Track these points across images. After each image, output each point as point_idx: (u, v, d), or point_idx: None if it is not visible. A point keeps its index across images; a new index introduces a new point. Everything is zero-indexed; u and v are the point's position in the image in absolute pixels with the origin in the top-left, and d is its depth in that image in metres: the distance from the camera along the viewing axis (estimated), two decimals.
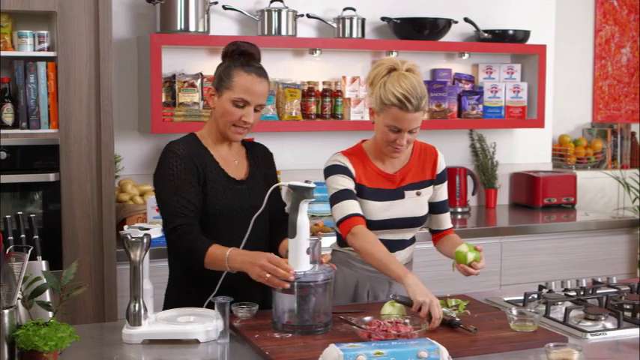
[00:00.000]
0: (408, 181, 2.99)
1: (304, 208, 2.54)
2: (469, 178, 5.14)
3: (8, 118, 3.74)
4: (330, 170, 2.95)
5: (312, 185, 2.54)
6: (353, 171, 2.92)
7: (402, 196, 2.97)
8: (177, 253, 2.78)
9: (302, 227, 2.53)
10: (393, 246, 2.96)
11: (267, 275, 2.50)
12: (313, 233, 4.17)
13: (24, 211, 3.69)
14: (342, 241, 3.01)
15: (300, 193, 2.53)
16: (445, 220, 3.09)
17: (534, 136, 5.47)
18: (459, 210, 5.06)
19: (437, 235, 3.10)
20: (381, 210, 2.94)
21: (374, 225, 2.91)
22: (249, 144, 3.01)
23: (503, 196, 5.41)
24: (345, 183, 2.91)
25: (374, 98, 2.86)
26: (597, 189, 5.69)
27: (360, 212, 2.87)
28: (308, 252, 2.54)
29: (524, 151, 5.48)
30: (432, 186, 3.03)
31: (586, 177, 5.64)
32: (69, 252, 3.77)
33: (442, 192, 3.07)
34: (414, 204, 2.98)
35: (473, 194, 5.18)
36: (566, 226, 4.84)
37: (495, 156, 5.28)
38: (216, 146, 2.88)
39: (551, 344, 2.29)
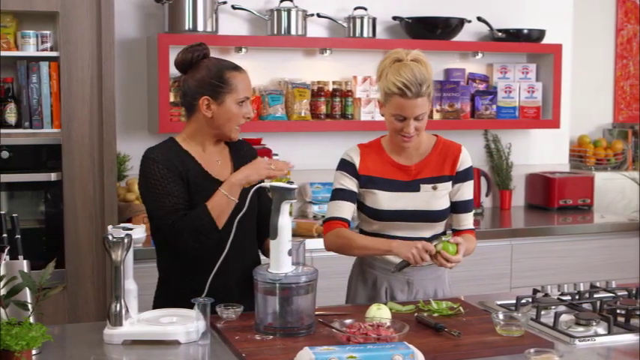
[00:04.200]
0: (425, 174, 2.99)
1: (285, 209, 2.52)
2: (482, 179, 5.09)
3: (11, 118, 3.78)
4: (339, 164, 3.05)
5: (293, 186, 2.52)
6: (357, 165, 2.99)
7: (417, 189, 2.97)
8: (183, 245, 2.72)
9: (283, 228, 2.50)
10: None
11: (272, 167, 2.71)
12: (316, 235, 4.18)
13: (26, 210, 3.73)
14: None
15: (282, 194, 2.51)
16: (464, 220, 3.06)
17: (551, 136, 5.39)
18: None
19: (456, 233, 3.07)
20: (391, 200, 2.96)
21: (384, 215, 2.96)
22: (233, 143, 2.98)
23: (518, 198, 5.34)
24: (346, 182, 3.00)
25: (380, 90, 2.93)
26: (617, 191, 5.59)
27: (347, 217, 2.99)
28: (290, 253, 2.52)
29: (540, 152, 5.41)
30: (450, 182, 3.00)
31: (606, 178, 5.54)
32: (71, 251, 3.79)
33: (465, 191, 3.03)
34: (430, 198, 2.97)
35: (486, 195, 5.12)
36: (580, 228, 4.78)
37: (511, 157, 5.21)
38: (197, 148, 2.86)
39: (532, 350, 2.25)
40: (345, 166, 3.01)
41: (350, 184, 2.99)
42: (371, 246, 2.93)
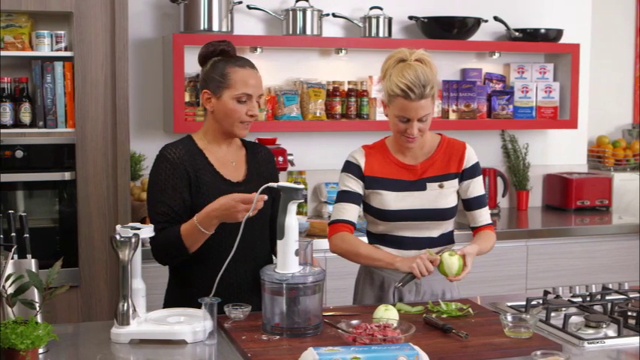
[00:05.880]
0: (430, 173, 2.97)
1: (293, 209, 2.51)
2: (499, 179, 5.06)
3: (26, 118, 3.80)
4: (344, 166, 3.03)
5: (300, 186, 2.51)
6: (363, 166, 2.98)
7: (424, 188, 2.96)
8: (162, 254, 2.78)
9: (290, 228, 2.50)
10: (420, 244, 2.95)
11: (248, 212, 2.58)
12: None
13: (40, 209, 3.75)
14: (371, 239, 3.04)
15: (289, 194, 2.50)
16: (480, 216, 3.03)
17: (569, 137, 5.35)
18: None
19: (474, 231, 3.06)
20: (396, 200, 2.94)
21: (391, 215, 2.94)
22: (250, 144, 2.99)
23: (536, 199, 5.31)
24: (351, 184, 2.99)
25: (384, 91, 2.91)
26: (636, 191, 5.53)
27: (352, 220, 2.97)
28: (297, 253, 2.51)
29: (558, 153, 5.37)
30: (457, 179, 2.99)
31: (624, 179, 5.49)
32: (84, 250, 3.81)
33: (475, 187, 3.01)
34: (437, 196, 2.96)
35: (503, 196, 5.10)
36: (598, 230, 4.74)
37: (528, 157, 5.18)
38: (213, 147, 2.86)
39: (539, 352, 2.23)
40: (350, 167, 3.00)
41: (355, 185, 2.98)
42: (376, 257, 2.92)
